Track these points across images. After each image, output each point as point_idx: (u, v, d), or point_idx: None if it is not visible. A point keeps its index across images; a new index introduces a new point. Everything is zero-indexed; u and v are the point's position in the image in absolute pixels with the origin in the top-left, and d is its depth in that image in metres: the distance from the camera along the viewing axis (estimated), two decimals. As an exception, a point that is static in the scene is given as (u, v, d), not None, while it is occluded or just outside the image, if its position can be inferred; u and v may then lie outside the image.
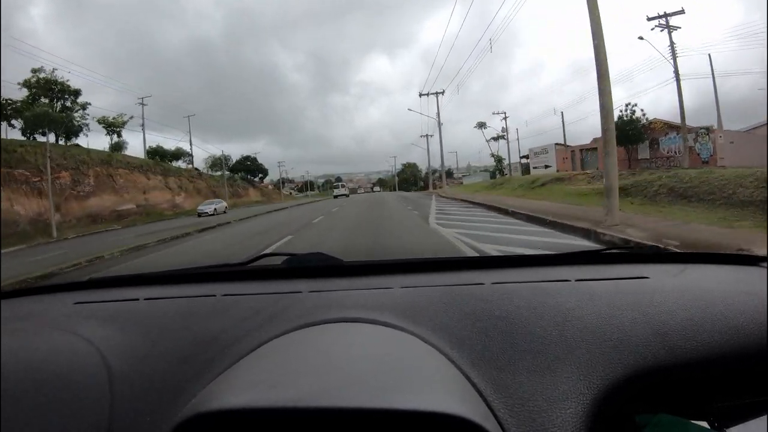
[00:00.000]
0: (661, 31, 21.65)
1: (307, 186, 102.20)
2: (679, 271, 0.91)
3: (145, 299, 0.92)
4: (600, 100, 8.15)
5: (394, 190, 77.05)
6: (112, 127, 36.85)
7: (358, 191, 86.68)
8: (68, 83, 31.13)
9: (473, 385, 0.55)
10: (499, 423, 0.50)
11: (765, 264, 0.93)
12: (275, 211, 25.59)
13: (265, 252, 1.20)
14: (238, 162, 59.23)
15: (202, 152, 66.31)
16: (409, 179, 78.79)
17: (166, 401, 0.58)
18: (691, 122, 22.34)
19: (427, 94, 35.65)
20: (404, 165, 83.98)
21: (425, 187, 70.43)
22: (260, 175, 63.92)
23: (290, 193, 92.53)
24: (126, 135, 43.49)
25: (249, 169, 60.26)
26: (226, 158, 54.42)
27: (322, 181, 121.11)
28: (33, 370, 0.62)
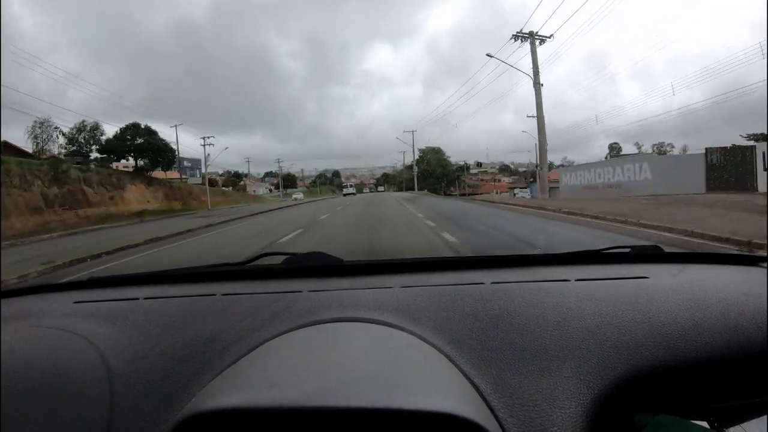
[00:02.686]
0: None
1: (282, 182, 74.11)
2: (678, 271, 0.91)
3: (145, 298, 0.92)
4: None
5: (411, 189, 53.59)
6: None
7: (364, 190, 78.61)
8: None
9: (473, 384, 0.55)
10: (499, 423, 0.50)
11: (765, 264, 0.93)
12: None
13: (265, 251, 1.20)
14: (118, 137, 29.93)
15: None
16: (433, 173, 53.80)
17: (166, 400, 0.58)
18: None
19: None
20: (423, 151, 54.57)
21: (448, 186, 49.83)
22: (169, 160, 33.40)
23: (270, 191, 73.31)
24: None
25: (142, 149, 30.71)
26: (94, 128, 28.19)
27: (315, 174, 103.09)
28: (33, 369, 0.62)
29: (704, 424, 0.59)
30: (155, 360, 0.66)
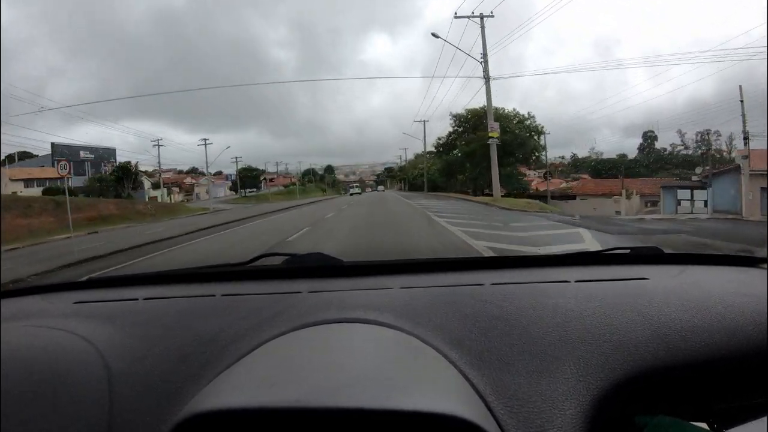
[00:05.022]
0: None
1: (238, 183, 57.58)
2: (678, 272, 0.91)
3: (144, 299, 0.92)
4: None
5: (436, 189, 36.87)
6: None
7: (366, 189, 70.99)
8: None
9: (472, 385, 0.55)
10: (498, 424, 0.50)
11: (764, 265, 0.93)
12: None
13: (265, 252, 1.21)
14: None
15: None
16: (514, 145, 29.48)
17: (166, 401, 0.58)
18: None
19: None
20: (469, 114, 31.01)
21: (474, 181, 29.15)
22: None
23: (196, 196, 51.84)
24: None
25: None
26: None
27: (300, 170, 77.56)
28: (32, 369, 0.62)
29: (704, 425, 0.60)
30: (155, 360, 0.66)
